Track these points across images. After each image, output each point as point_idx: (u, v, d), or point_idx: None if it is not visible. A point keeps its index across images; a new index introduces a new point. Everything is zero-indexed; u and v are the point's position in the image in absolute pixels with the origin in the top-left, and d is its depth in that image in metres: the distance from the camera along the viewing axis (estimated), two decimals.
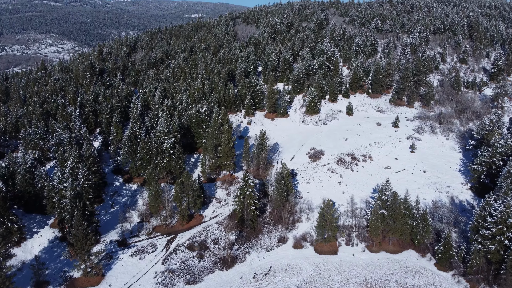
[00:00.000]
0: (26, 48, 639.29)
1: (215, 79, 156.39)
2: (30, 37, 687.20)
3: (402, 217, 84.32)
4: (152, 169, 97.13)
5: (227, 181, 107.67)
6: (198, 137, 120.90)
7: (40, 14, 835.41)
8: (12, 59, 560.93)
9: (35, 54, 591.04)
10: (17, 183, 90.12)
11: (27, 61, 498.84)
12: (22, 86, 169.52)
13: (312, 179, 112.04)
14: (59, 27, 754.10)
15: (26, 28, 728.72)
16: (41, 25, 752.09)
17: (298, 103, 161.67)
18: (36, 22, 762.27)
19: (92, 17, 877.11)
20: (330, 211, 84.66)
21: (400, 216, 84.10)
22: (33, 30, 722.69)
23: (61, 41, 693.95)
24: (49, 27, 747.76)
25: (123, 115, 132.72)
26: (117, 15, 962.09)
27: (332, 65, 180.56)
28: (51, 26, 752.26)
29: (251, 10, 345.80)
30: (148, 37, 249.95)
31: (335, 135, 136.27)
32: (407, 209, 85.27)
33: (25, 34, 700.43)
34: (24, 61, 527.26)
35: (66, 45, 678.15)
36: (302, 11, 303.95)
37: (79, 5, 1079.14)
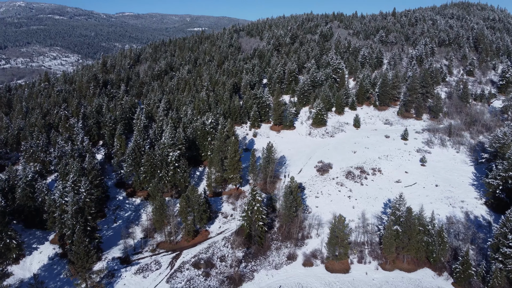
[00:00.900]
0: (30, 61, 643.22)
1: (220, 91, 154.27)
2: (34, 50, 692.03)
3: (417, 233, 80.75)
4: (156, 182, 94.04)
5: (233, 195, 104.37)
6: (204, 149, 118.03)
7: (45, 27, 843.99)
8: (16, 71, 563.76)
9: (39, 67, 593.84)
10: (17, 197, 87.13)
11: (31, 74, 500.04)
12: (25, 98, 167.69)
13: (320, 193, 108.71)
14: (63, 41, 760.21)
15: (30, 41, 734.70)
16: (45, 38, 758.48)
17: (304, 115, 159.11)
18: (40, 36, 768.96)
19: (96, 30, 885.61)
20: (341, 227, 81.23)
21: (415, 233, 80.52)
22: (37, 43, 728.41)
23: (65, 54, 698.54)
24: (54, 40, 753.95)
25: (126, 127, 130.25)
26: (121, 28, 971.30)
27: (338, 77, 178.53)
28: (56, 40, 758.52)
29: (255, 23, 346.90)
30: (152, 49, 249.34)
31: (343, 148, 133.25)
32: (422, 225, 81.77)
33: (30, 47, 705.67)
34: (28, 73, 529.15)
35: (70, 58, 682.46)
36: (306, 23, 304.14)
37: (84, 19, 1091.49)
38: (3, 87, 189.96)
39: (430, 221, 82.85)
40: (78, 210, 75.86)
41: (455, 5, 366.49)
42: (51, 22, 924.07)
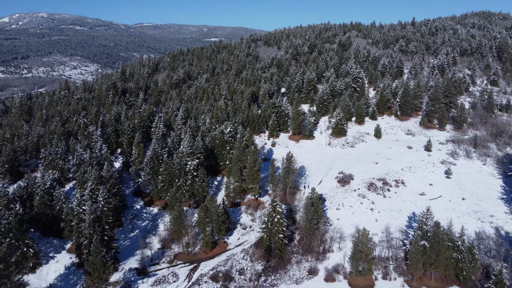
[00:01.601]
0: (51, 70, 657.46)
1: (239, 100, 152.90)
2: (55, 59, 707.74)
3: (446, 249, 76.65)
4: (174, 192, 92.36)
5: (252, 206, 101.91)
6: (222, 158, 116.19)
7: (66, 38, 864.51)
8: (38, 80, 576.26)
9: (59, 76, 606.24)
10: (35, 204, 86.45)
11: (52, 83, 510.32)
12: (45, 106, 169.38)
13: (342, 205, 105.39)
14: (83, 50, 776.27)
15: (52, 51, 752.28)
16: (66, 48, 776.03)
17: (324, 124, 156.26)
18: (62, 46, 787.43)
19: (115, 40, 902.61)
20: (365, 241, 77.75)
21: (443, 249, 76.44)
22: (58, 53, 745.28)
23: (84, 64, 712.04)
24: (74, 50, 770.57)
25: (145, 135, 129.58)
26: (139, 38, 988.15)
27: (358, 86, 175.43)
28: (76, 49, 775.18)
29: (272, 33, 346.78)
30: (170, 58, 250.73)
31: (364, 159, 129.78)
32: (451, 241, 77.69)
33: (51, 57, 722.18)
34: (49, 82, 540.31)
35: (89, 67, 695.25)
36: (323, 33, 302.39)
37: (103, 29, 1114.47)
38: (24, 95, 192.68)
39: (460, 237, 78.71)
40: (96, 219, 74.53)
41: (476, 15, 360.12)
42: (72, 33, 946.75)
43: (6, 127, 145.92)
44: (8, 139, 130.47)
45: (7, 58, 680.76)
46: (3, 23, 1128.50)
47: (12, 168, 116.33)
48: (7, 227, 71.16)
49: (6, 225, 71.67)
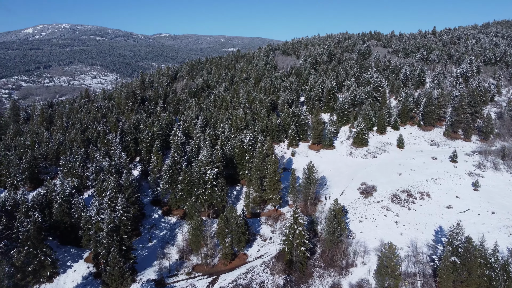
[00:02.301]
0: (72, 79, 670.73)
1: (258, 109, 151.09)
2: (76, 69, 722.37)
3: (478, 266, 72.35)
4: (193, 201, 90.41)
5: (272, 217, 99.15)
6: (241, 168, 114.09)
7: (87, 48, 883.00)
8: (59, 89, 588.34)
9: (80, 85, 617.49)
10: (54, 212, 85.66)
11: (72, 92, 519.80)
12: (65, 113, 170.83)
13: (365, 217, 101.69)
14: (103, 60, 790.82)
15: (73, 61, 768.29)
16: (87, 58, 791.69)
17: (344, 134, 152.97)
18: (82, 55, 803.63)
19: (135, 50, 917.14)
20: (392, 256, 74.10)
21: (475, 266, 72.16)
22: (79, 63, 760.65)
23: (104, 73, 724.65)
24: (94, 60, 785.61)
25: (163, 143, 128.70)
26: (158, 49, 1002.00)
27: (380, 95, 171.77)
28: (96, 59, 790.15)
29: (290, 42, 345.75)
30: (189, 67, 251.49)
31: (387, 170, 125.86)
32: (484, 258, 73.33)
33: (72, 66, 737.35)
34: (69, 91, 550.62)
35: (109, 76, 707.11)
36: (342, 42, 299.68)
37: (123, 39, 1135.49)
38: (45, 103, 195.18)
39: (493, 253, 74.33)
40: (114, 228, 73.04)
41: (498, 23, 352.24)
42: (92, 43, 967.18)
43: (27, 134, 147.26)
44: (29, 146, 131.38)
45: (30, 68, 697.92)
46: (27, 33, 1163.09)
47: (32, 175, 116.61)
48: (26, 235, 70.28)
49: (24, 233, 70.82)
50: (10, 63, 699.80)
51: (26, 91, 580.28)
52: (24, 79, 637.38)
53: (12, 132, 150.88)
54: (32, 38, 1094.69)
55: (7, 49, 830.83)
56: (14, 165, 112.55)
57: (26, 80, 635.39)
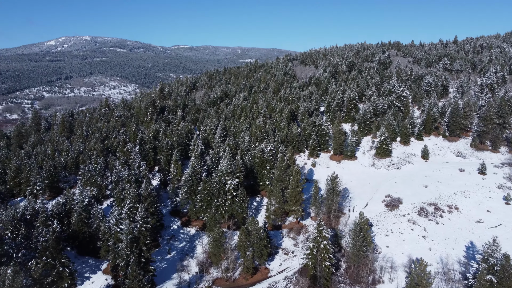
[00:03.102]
0: (92, 90, 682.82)
1: (278, 118, 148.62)
2: (96, 80, 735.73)
3: None
4: (214, 212, 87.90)
5: (294, 230, 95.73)
6: (262, 178, 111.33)
7: (107, 59, 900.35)
8: (79, 100, 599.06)
9: (99, 96, 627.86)
10: (72, 222, 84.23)
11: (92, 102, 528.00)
12: (85, 122, 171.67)
13: (390, 231, 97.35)
14: (122, 71, 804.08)
15: (93, 72, 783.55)
16: (106, 69, 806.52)
17: (367, 145, 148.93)
18: (102, 67, 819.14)
19: (153, 62, 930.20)
20: (423, 274, 69.86)
21: None
22: (99, 74, 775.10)
23: (123, 84, 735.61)
24: (114, 71, 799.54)
25: (182, 153, 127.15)
26: (176, 60, 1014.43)
27: (402, 105, 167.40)
28: (116, 70, 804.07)
29: (308, 53, 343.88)
30: (207, 77, 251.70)
31: (413, 181, 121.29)
32: None
33: (92, 77, 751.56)
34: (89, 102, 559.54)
35: (127, 87, 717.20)
36: (361, 52, 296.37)
37: (142, 51, 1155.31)
38: (66, 113, 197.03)
39: None
40: (133, 239, 70.95)
41: None
42: (112, 55, 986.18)
43: (48, 143, 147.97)
44: (49, 155, 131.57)
45: (52, 79, 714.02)
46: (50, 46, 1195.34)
47: (52, 184, 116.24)
48: (44, 245, 68.78)
49: (43, 243, 69.33)
50: (33, 74, 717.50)
51: (47, 101, 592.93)
52: (46, 90, 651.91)
53: (33, 141, 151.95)
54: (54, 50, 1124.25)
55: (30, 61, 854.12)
56: (34, 173, 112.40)
57: (48, 91, 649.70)
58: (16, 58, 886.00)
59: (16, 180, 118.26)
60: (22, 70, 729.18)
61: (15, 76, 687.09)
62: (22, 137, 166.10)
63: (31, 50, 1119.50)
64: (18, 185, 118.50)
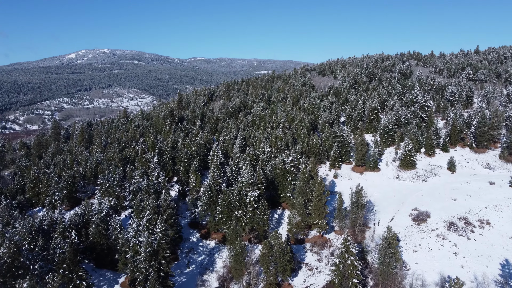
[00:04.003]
0: (110, 101, 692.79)
1: (298, 128, 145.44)
2: (114, 91, 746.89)
3: None
4: (234, 225, 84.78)
5: (318, 244, 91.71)
6: (283, 190, 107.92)
7: (125, 71, 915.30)
8: (98, 111, 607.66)
9: (117, 107, 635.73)
10: (90, 233, 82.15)
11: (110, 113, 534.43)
12: (104, 132, 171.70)
13: (419, 246, 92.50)
14: (140, 83, 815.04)
15: (112, 84, 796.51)
16: (125, 81, 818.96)
17: (390, 156, 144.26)
18: (121, 79, 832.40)
19: (170, 74, 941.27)
20: None
21: None
22: (118, 86, 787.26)
23: (141, 95, 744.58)
24: (132, 83, 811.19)
25: (201, 163, 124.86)
26: (192, 72, 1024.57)
27: (426, 115, 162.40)
28: (134, 82, 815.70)
29: (325, 63, 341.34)
30: (225, 87, 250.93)
31: (440, 194, 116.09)
32: None
33: (111, 89, 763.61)
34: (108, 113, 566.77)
35: (145, 99, 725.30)
36: (380, 62, 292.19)
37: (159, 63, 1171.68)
38: (85, 123, 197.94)
39: None
40: (152, 252, 68.25)
41: None
42: (130, 67, 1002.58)
43: (67, 153, 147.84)
44: (68, 164, 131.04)
45: (72, 90, 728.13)
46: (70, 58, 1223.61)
47: (70, 194, 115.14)
48: (62, 257, 66.66)
49: (60, 255, 67.25)
50: (54, 86, 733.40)
51: (67, 112, 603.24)
52: (65, 101, 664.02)
53: (52, 151, 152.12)
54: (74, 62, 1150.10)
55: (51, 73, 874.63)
56: (53, 183, 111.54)
57: (67, 102, 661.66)
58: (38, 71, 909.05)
59: (34, 190, 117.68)
60: (43, 82, 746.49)
61: (37, 88, 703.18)
62: (41, 147, 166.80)
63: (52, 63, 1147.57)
64: (37, 195, 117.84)
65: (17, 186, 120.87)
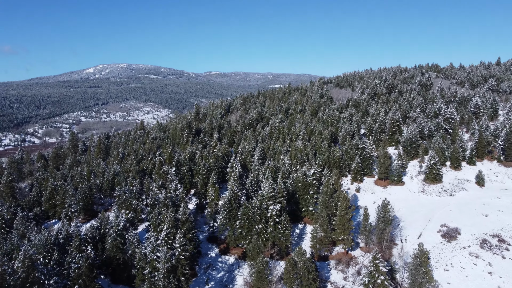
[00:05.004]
0: (127, 114, 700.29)
1: (318, 140, 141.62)
2: (131, 105, 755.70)
3: None
4: (256, 240, 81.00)
5: (343, 261, 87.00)
6: (304, 204, 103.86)
7: (142, 85, 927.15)
8: (114, 124, 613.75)
9: (134, 120, 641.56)
10: (107, 247, 79.30)
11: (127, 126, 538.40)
12: (121, 144, 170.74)
13: (450, 265, 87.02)
14: (156, 97, 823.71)
15: (128, 97, 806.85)
16: (141, 95, 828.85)
17: (414, 169, 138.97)
18: (137, 93, 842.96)
19: (186, 87, 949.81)
20: None
21: None
22: (134, 99, 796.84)
23: (157, 109, 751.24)
24: (148, 96, 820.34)
25: (219, 176, 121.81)
26: (208, 86, 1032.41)
27: (450, 127, 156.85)
28: (150, 96, 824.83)
29: (342, 76, 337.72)
30: (241, 100, 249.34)
31: (470, 210, 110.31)
32: None
33: (127, 102, 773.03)
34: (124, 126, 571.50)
35: (161, 112, 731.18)
36: (399, 74, 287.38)
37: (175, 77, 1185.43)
38: (102, 135, 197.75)
39: None
40: (171, 268, 64.93)
41: None
42: (147, 81, 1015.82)
43: (84, 165, 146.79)
44: (85, 176, 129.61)
45: (89, 104, 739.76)
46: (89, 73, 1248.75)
47: (87, 207, 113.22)
48: (77, 272, 63.93)
49: (76, 270, 64.53)
50: (72, 100, 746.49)
51: (84, 125, 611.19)
52: (83, 115, 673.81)
53: (70, 163, 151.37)
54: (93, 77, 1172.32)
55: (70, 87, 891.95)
56: (70, 195, 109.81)
57: (85, 116, 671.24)
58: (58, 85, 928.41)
59: (51, 202, 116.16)
60: (62, 96, 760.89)
61: (56, 102, 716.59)
62: (59, 159, 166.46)
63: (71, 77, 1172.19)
64: (53, 207, 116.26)
65: (34, 198, 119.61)
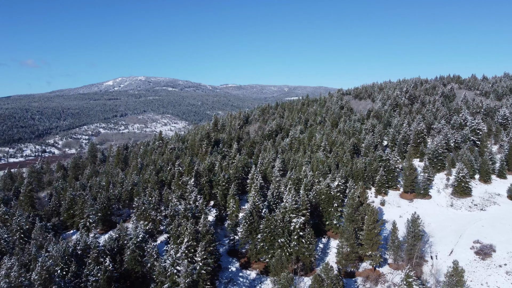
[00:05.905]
0: (144, 126, 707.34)
1: (339, 152, 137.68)
2: (149, 117, 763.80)
3: None
4: (280, 254, 77.36)
5: (370, 279, 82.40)
6: (328, 217, 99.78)
7: (159, 98, 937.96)
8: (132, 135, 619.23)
9: (151, 132, 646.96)
10: (125, 260, 76.81)
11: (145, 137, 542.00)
12: (140, 155, 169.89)
13: (486, 284, 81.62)
14: (173, 109, 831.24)
15: (146, 109, 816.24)
16: (159, 107, 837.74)
17: (440, 182, 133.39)
18: (155, 105, 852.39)
19: (202, 100, 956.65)
20: None
21: None
22: (152, 111, 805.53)
23: (174, 121, 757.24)
24: (166, 108, 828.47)
25: (239, 187, 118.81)
26: (224, 98, 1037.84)
27: (478, 139, 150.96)
28: (167, 108, 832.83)
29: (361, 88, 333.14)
30: (260, 111, 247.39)
31: (504, 226, 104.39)
32: None
33: (145, 114, 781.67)
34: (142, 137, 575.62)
35: (178, 124, 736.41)
36: (419, 86, 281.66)
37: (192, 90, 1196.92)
38: (121, 145, 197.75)
39: None
40: (192, 283, 61.85)
41: None
42: (164, 93, 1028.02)
43: (103, 175, 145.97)
44: (104, 186, 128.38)
45: (108, 116, 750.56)
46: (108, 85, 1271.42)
47: (105, 217, 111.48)
48: (95, 285, 61.45)
49: (93, 283, 62.09)
50: (91, 112, 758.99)
51: (103, 137, 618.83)
52: (102, 126, 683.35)
53: (88, 173, 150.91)
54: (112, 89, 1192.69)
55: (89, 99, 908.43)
56: (88, 205, 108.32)
57: (104, 127, 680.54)
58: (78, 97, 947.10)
59: (70, 212, 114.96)
60: (82, 108, 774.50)
61: (75, 114, 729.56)
62: (78, 169, 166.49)
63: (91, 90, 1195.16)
64: (72, 217, 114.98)
65: (53, 208, 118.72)
